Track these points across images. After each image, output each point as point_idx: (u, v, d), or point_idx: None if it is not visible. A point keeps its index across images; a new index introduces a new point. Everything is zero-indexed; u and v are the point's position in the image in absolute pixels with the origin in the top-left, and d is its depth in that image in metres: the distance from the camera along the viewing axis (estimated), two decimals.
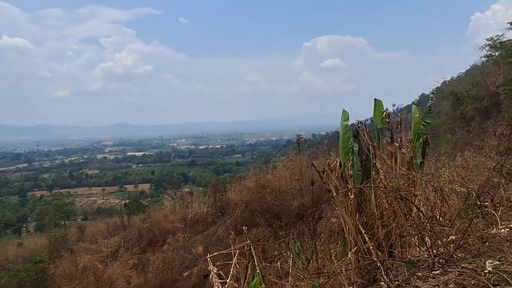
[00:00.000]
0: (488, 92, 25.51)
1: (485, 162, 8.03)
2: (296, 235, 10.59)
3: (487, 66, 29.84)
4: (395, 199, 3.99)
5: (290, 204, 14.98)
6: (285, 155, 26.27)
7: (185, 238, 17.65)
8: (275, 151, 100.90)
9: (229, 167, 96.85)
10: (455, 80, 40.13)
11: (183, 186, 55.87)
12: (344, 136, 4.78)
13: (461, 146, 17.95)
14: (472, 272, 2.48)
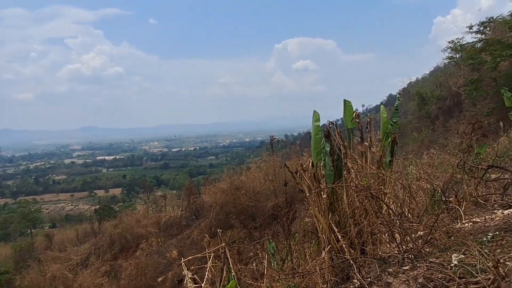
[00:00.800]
0: (451, 92, 26.75)
1: (449, 159, 8.39)
2: (271, 236, 10.64)
3: (449, 67, 31.33)
4: (366, 197, 4.08)
5: (264, 205, 15.03)
6: (259, 156, 26.35)
7: (159, 242, 17.32)
8: (249, 152, 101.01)
9: (203, 169, 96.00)
10: (420, 81, 41.83)
11: (156, 190, 54.86)
12: (315, 136, 4.85)
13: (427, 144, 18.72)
14: (439, 266, 2.58)
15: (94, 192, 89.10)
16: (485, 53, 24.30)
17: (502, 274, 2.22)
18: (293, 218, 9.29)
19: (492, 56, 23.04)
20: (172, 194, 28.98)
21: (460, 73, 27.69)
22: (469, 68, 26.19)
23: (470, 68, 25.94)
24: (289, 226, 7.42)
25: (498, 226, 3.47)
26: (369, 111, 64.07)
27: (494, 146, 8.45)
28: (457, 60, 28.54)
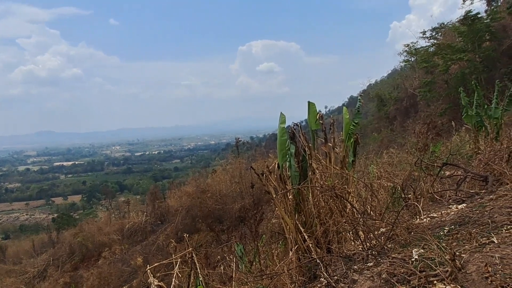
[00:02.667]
0: (407, 94, 28.14)
1: (407, 158, 8.79)
2: (239, 238, 10.61)
3: (405, 70, 33.01)
4: (331, 197, 4.17)
5: (231, 207, 14.98)
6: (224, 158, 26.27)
7: (123, 250, 16.77)
8: (214, 155, 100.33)
9: (168, 173, 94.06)
10: (379, 83, 43.64)
11: (119, 195, 53.06)
12: (281, 138, 4.89)
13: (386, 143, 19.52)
14: (401, 261, 2.68)
15: (51, 200, 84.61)
16: (437, 56, 25.82)
17: (459, 266, 2.34)
18: (260, 219, 9.30)
19: (444, 59, 24.49)
20: (136, 200, 28.22)
21: (415, 75, 29.26)
22: (423, 71, 27.76)
23: (424, 71, 27.50)
24: (256, 228, 7.41)
25: (453, 220, 3.67)
26: (332, 112, 65.83)
27: (447, 145, 8.96)
28: (412, 63, 30.16)
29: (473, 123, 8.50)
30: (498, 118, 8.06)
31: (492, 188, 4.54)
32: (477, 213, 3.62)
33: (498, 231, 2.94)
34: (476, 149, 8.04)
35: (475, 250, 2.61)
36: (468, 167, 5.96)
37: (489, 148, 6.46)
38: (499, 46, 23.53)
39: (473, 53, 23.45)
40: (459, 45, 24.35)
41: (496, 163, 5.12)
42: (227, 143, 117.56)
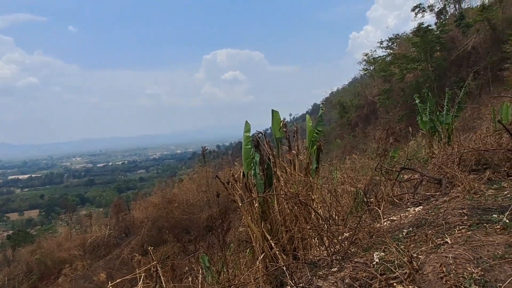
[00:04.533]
0: (367, 101, 29.32)
1: (368, 163, 9.11)
2: (206, 248, 10.45)
3: (365, 78, 34.46)
4: (296, 204, 4.23)
5: (198, 216, 14.79)
6: (191, 167, 25.97)
7: (85, 266, 15.99)
8: (181, 164, 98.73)
9: (133, 184, 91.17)
10: (340, 91, 45.18)
11: (80, 209, 50.69)
12: (246, 147, 4.91)
13: (349, 149, 20.15)
14: (363, 265, 2.76)
15: (6, 216, 79.15)
16: (393, 66, 27.19)
17: (416, 267, 2.45)
18: (227, 228, 9.22)
19: (400, 68, 25.83)
20: (99, 212, 27.12)
21: (374, 83, 30.60)
22: (381, 79, 29.14)
23: (382, 79, 28.87)
24: (223, 237, 7.34)
25: (411, 222, 3.83)
26: (296, 120, 67.05)
27: (405, 150, 9.39)
28: (371, 71, 31.54)
29: (427, 129, 8.99)
30: (449, 124, 8.58)
31: (445, 190, 4.79)
32: (433, 215, 3.80)
33: (452, 231, 3.11)
34: (430, 153, 8.49)
35: (431, 251, 2.74)
36: (424, 170, 6.26)
37: (442, 152, 6.84)
38: (449, 56, 25.13)
39: (425, 62, 24.88)
40: (413, 55, 25.77)
41: (448, 166, 5.42)
42: (194, 152, 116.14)
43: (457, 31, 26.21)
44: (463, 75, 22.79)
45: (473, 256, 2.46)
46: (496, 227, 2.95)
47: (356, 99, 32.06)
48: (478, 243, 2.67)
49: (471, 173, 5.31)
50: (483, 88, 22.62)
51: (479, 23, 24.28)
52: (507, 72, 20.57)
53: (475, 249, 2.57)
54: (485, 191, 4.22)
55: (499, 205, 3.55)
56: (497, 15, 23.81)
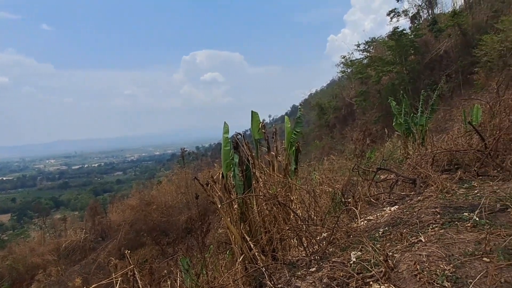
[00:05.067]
0: (345, 103, 29.87)
1: (346, 163, 9.26)
2: (185, 251, 10.34)
3: (342, 80, 35.13)
4: (274, 205, 4.25)
5: (177, 219, 14.64)
6: (170, 169, 25.70)
7: (59, 271, 15.51)
8: (159, 165, 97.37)
9: (109, 186, 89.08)
10: (319, 92, 45.85)
11: (54, 212, 49.13)
12: (225, 148, 4.91)
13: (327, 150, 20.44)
14: (341, 265, 2.80)
15: None
16: (370, 68, 27.86)
17: (391, 266, 2.51)
18: (207, 230, 9.18)
19: (376, 71, 26.48)
20: (74, 216, 26.44)
21: (351, 85, 31.24)
22: (358, 81, 29.79)
23: (359, 81, 29.51)
24: (203, 239, 7.30)
25: (387, 222, 3.92)
26: (276, 121, 67.49)
27: (381, 150, 9.60)
28: (348, 74, 32.17)
29: (403, 130, 9.23)
30: (423, 125, 8.85)
31: (419, 190, 4.93)
32: (407, 214, 3.90)
33: (425, 230, 3.20)
34: (405, 154, 8.72)
35: (406, 249, 2.81)
36: (399, 171, 6.42)
37: (417, 153, 7.03)
38: (422, 60, 25.94)
39: (400, 65, 25.58)
40: (389, 58, 26.45)
41: (422, 167, 5.57)
42: (173, 153, 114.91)
43: (430, 35, 27.07)
44: (436, 78, 23.53)
45: (445, 253, 2.54)
46: (466, 225, 3.06)
47: (334, 100, 32.59)
48: (450, 240, 2.76)
49: (443, 173, 5.49)
50: (454, 91, 23.43)
51: (450, 28, 25.15)
52: (477, 75, 21.39)
53: (447, 247, 2.65)
54: (456, 190, 4.36)
55: (469, 204, 3.68)
56: (467, 21, 24.74)
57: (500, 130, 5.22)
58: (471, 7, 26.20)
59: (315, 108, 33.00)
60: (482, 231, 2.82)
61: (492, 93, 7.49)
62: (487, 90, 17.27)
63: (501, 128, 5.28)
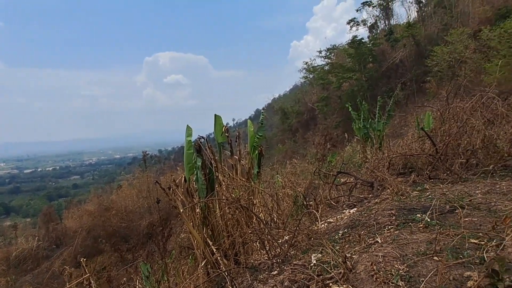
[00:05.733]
0: (307, 108, 30.60)
1: (308, 167, 9.45)
2: (145, 257, 10.07)
3: (305, 86, 36.01)
4: (237, 209, 4.25)
5: (138, 224, 14.23)
6: (131, 173, 25.01)
7: (9, 281, 14.49)
8: (120, 169, 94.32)
9: (65, 191, 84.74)
10: (282, 97, 46.66)
11: (4, 219, 46.03)
12: (187, 151, 4.85)
13: (290, 154, 20.79)
14: (301, 267, 2.85)
15: None
16: (331, 74, 28.81)
17: (350, 267, 2.59)
18: (168, 235, 8.97)
19: (337, 77, 27.41)
20: (26, 223, 25.02)
21: (313, 91, 32.09)
22: (320, 87, 30.68)
23: (321, 87, 30.42)
24: (164, 244, 7.14)
25: (346, 224, 4.05)
26: (240, 125, 67.72)
27: (341, 155, 9.91)
28: (310, 79, 33.03)
29: (361, 135, 9.59)
30: (381, 130, 9.24)
31: (377, 193, 5.14)
32: (365, 216, 4.05)
33: (382, 231, 3.33)
34: (364, 158, 9.06)
35: (363, 250, 2.91)
36: (358, 174, 6.65)
37: (374, 157, 7.33)
38: (380, 68, 27.19)
39: (360, 73, 26.66)
40: (349, 65, 27.49)
41: (379, 170, 5.81)
42: (134, 157, 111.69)
43: (387, 45, 28.44)
44: (393, 86, 24.71)
45: (400, 253, 2.66)
46: (419, 226, 3.22)
47: (297, 105, 33.27)
48: (404, 241, 2.89)
49: (399, 176, 5.76)
50: (409, 98, 24.72)
51: (405, 39, 26.56)
52: (429, 84, 22.71)
53: (402, 247, 2.78)
54: (410, 193, 4.59)
55: (422, 206, 3.88)
56: (420, 32, 26.24)
57: (449, 136, 5.56)
58: (424, 20, 27.84)
59: (278, 113, 33.51)
60: (433, 231, 2.98)
61: (442, 101, 7.98)
62: (438, 98, 18.36)
63: (450, 134, 5.62)
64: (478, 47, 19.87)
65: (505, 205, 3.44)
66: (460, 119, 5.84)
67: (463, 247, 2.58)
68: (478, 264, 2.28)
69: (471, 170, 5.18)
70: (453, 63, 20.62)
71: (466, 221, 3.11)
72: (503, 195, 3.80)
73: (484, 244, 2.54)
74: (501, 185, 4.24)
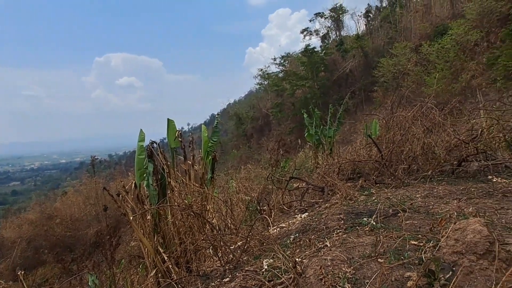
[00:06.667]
0: (262, 113, 31.05)
1: (262, 173, 9.56)
2: (92, 267, 9.54)
3: (260, 92, 36.57)
4: (189, 215, 4.18)
5: (85, 232, 13.52)
6: (78, 178, 23.75)
7: None
8: (66, 175, 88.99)
9: (3, 198, 78.10)
10: (237, 102, 46.99)
11: None
12: (139, 156, 4.71)
13: (245, 159, 20.93)
14: (253, 273, 2.86)
15: None
16: (285, 81, 29.56)
17: (300, 271, 2.64)
18: (117, 244, 8.58)
19: (290, 84, 28.17)
20: None
21: (268, 97, 32.66)
22: (274, 93, 31.34)
23: (275, 94, 31.08)
24: (112, 254, 6.82)
25: (298, 228, 4.13)
26: (195, 130, 67.00)
27: (294, 160, 10.13)
28: (265, 86, 33.62)
29: (313, 141, 9.89)
30: (332, 137, 9.60)
31: (327, 197, 5.31)
32: (316, 220, 4.16)
33: (331, 235, 3.44)
34: (316, 163, 9.34)
35: (313, 254, 2.99)
36: (310, 179, 6.84)
37: (325, 162, 7.57)
38: (331, 77, 28.35)
39: (312, 81, 27.60)
40: (302, 73, 28.36)
41: (330, 175, 6.02)
42: (82, 161, 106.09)
43: (338, 54, 29.72)
44: (343, 94, 25.82)
45: (347, 256, 2.77)
46: (365, 229, 3.38)
47: (252, 111, 33.63)
48: (351, 244, 3.01)
49: (348, 181, 6.00)
50: (358, 106, 25.95)
51: (355, 50, 27.96)
52: (376, 93, 24.04)
53: (349, 250, 2.89)
54: (358, 197, 4.80)
55: (368, 209, 4.07)
56: (368, 44, 27.75)
57: (393, 143, 5.91)
58: (372, 33, 29.49)
59: (234, 118, 33.65)
60: (378, 234, 3.14)
61: (388, 110, 8.47)
62: (384, 107, 19.47)
63: (394, 141, 5.98)
64: (419, 60, 21.41)
65: (441, 208, 3.71)
66: (403, 127, 6.23)
67: (404, 248, 2.73)
68: (417, 265, 2.43)
69: (412, 175, 5.53)
70: (397, 74, 22.03)
71: (407, 224, 3.30)
72: (439, 199, 4.10)
73: (422, 245, 2.72)
74: (438, 189, 4.57)
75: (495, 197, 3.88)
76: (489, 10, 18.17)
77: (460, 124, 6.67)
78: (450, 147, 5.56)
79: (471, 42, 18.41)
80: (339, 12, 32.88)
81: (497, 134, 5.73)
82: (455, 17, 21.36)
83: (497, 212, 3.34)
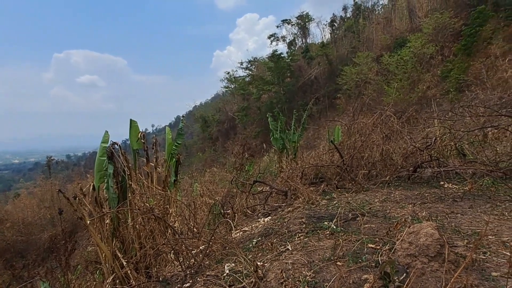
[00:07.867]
0: (228, 117, 31.03)
1: (226, 176, 9.53)
2: (44, 274, 9.05)
3: (226, 95, 36.57)
4: (150, 219, 4.09)
5: (38, 237, 12.79)
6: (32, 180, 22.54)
7: None
8: (18, 176, 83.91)
9: None
10: (203, 105, 46.65)
11: None
12: (100, 158, 4.54)
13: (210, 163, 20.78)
14: (214, 278, 2.84)
15: None
16: (251, 86, 29.77)
17: (261, 275, 2.66)
18: (72, 249, 8.22)
19: (257, 89, 28.41)
20: None
21: (234, 100, 32.72)
22: (240, 97, 31.46)
23: (242, 97, 31.21)
24: (67, 259, 6.51)
25: (260, 232, 4.16)
26: (159, 131, 65.63)
27: (259, 164, 10.20)
28: (232, 89, 33.66)
29: (278, 146, 10.00)
30: (296, 142, 9.76)
31: (290, 201, 5.38)
32: (279, 224, 4.21)
33: (293, 239, 3.49)
34: (280, 167, 9.46)
35: (275, 258, 3.02)
36: (274, 183, 6.91)
37: (289, 167, 7.69)
38: (297, 82, 28.87)
39: (278, 86, 27.99)
40: (268, 78, 28.69)
41: (293, 180, 6.12)
42: (37, 162, 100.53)
43: (303, 61, 30.34)
44: (308, 100, 26.36)
45: (308, 260, 2.82)
46: (326, 233, 3.46)
47: (218, 114, 33.52)
48: (312, 248, 3.08)
49: (310, 186, 6.12)
50: (322, 112, 26.58)
51: (319, 57, 28.67)
52: (339, 100, 24.77)
53: (310, 254, 2.95)
54: (320, 201, 4.91)
55: (329, 213, 4.18)
56: (333, 52, 28.56)
57: (354, 149, 6.12)
58: (336, 41, 30.38)
59: (199, 121, 33.36)
60: (337, 238, 3.22)
61: (350, 117, 8.76)
62: (346, 113, 20.08)
63: (355, 147, 6.19)
64: (380, 70, 22.34)
65: (397, 212, 3.88)
66: (363, 133, 6.46)
67: (362, 252, 2.83)
68: (374, 267, 2.53)
69: (372, 180, 5.75)
70: (360, 82, 22.85)
71: (366, 227, 3.43)
72: (396, 203, 4.29)
73: (379, 248, 2.83)
74: (395, 194, 4.78)
75: (446, 201, 4.11)
76: (444, 26, 19.38)
77: (416, 132, 7.03)
78: (406, 154, 5.84)
79: (427, 55, 19.49)
80: (305, 20, 33.67)
81: (449, 142, 6.08)
82: (413, 30, 22.52)
83: (448, 216, 3.55)
